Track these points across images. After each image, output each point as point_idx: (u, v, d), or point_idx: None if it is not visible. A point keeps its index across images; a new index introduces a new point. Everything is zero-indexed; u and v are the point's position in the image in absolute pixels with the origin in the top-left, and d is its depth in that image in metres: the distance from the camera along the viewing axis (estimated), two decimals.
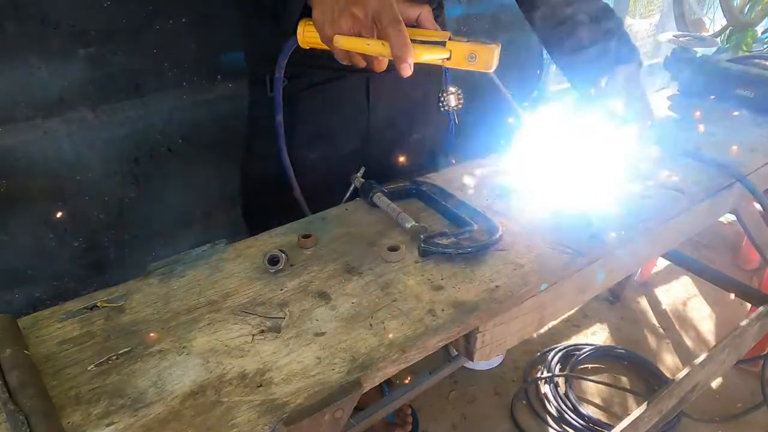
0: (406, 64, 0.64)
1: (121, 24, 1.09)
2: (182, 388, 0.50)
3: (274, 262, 0.65)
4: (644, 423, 1.06)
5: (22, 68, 1.02)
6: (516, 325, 0.66)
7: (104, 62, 1.10)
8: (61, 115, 1.10)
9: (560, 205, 0.80)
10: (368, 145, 1.03)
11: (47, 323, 0.58)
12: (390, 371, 0.54)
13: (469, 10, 1.74)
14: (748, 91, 1.17)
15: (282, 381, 0.50)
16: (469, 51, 0.67)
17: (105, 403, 0.48)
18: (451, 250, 0.67)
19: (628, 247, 0.76)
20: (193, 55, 1.20)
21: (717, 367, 1.17)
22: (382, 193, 0.80)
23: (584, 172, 0.87)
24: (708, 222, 0.93)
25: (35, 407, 0.44)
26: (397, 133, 1.04)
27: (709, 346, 1.77)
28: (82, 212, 1.20)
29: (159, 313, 0.60)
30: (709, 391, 1.69)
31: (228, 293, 0.63)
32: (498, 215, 0.78)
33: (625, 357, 1.79)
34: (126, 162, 1.22)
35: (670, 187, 0.85)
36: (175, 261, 0.68)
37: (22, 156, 1.08)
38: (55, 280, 1.24)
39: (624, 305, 2.06)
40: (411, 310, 0.59)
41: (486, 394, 1.68)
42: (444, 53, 0.68)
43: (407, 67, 0.64)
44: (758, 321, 1.20)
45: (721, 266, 2.23)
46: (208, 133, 1.30)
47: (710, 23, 3.00)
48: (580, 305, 2.00)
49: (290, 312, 0.60)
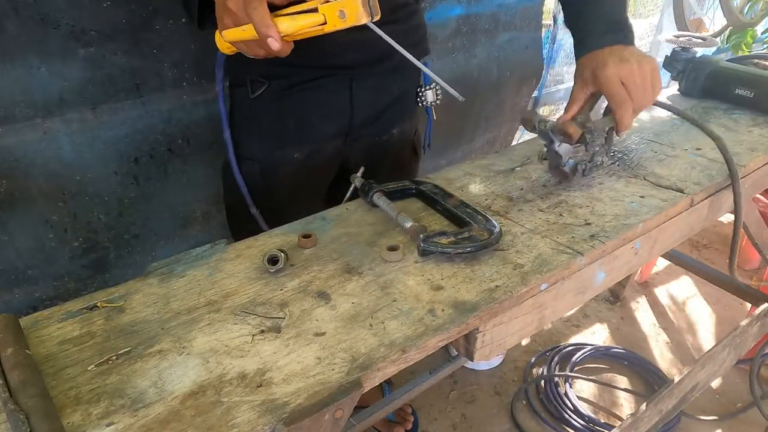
0: (271, 39, 0.64)
1: (121, 24, 1.09)
2: (182, 388, 0.50)
3: (274, 262, 0.65)
4: (644, 423, 1.06)
5: (22, 68, 1.02)
6: (516, 325, 0.66)
7: (104, 62, 1.10)
8: (61, 115, 1.09)
9: (560, 205, 0.80)
10: (351, 144, 1.04)
11: (47, 323, 0.58)
12: (390, 371, 0.54)
13: (469, 9, 1.73)
14: (748, 91, 1.17)
15: (282, 381, 0.50)
16: (338, 8, 0.65)
17: (105, 403, 0.48)
18: (451, 250, 0.67)
19: (627, 247, 0.76)
20: (193, 55, 1.20)
21: (717, 367, 1.17)
22: (382, 192, 0.80)
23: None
24: (708, 222, 0.93)
25: (36, 407, 0.44)
26: (379, 129, 1.05)
27: (709, 346, 1.77)
28: (82, 212, 1.20)
29: (159, 313, 0.60)
30: (709, 390, 1.69)
31: (228, 293, 0.63)
32: (498, 215, 0.78)
33: (625, 357, 1.79)
34: (126, 162, 1.22)
35: (670, 187, 0.85)
36: (175, 261, 0.68)
37: (22, 156, 1.08)
38: (55, 280, 1.24)
39: (624, 305, 2.06)
40: (411, 310, 0.59)
41: (486, 394, 1.68)
42: (318, 19, 0.66)
43: (273, 42, 0.65)
44: (758, 321, 1.20)
45: (721, 266, 2.23)
46: (208, 133, 1.30)
47: (710, 23, 3.00)
48: (580, 305, 2.00)
49: (290, 312, 0.60)
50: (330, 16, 0.65)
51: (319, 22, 0.66)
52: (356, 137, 1.03)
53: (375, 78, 0.98)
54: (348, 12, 0.64)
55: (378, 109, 1.02)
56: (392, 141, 1.08)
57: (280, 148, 0.99)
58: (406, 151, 1.14)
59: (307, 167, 1.01)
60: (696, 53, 1.27)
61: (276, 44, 0.65)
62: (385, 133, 1.06)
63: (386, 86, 1.01)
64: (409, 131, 1.12)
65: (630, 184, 0.86)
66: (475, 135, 2.06)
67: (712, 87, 1.24)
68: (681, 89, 1.29)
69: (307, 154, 1.00)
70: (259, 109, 0.97)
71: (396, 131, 1.07)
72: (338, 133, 1.01)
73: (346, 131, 1.01)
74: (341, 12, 0.64)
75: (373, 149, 1.06)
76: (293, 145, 0.99)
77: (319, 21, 0.66)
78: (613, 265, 0.76)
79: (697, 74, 1.25)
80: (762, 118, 1.14)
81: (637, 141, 1.03)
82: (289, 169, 1.01)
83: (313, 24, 0.66)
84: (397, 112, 1.06)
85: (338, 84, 0.95)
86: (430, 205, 0.82)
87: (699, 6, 2.93)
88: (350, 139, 1.03)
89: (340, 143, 1.03)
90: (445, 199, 0.80)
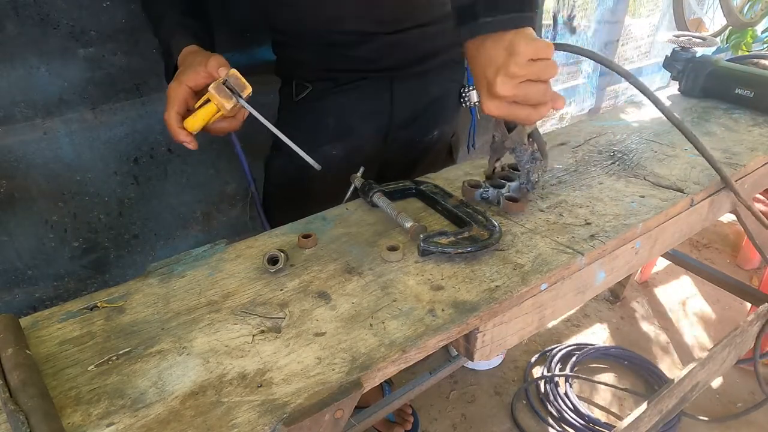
0: (185, 143, 0.75)
1: (121, 24, 1.09)
2: (182, 389, 0.50)
3: (274, 262, 0.65)
4: (644, 423, 1.06)
5: (22, 68, 1.02)
6: (516, 325, 0.66)
7: (104, 62, 1.10)
8: (60, 115, 1.09)
9: (560, 204, 0.80)
10: (390, 144, 1.04)
11: (47, 323, 0.58)
12: (390, 371, 0.54)
13: None
14: (747, 91, 1.17)
15: (282, 381, 0.50)
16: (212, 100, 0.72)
17: (105, 404, 0.48)
18: (451, 250, 0.67)
19: (627, 247, 0.76)
20: None
21: (717, 367, 1.17)
22: (382, 192, 0.80)
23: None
24: (708, 222, 0.93)
25: (36, 407, 0.44)
26: (419, 130, 1.05)
27: (709, 346, 1.77)
28: (82, 212, 1.20)
29: (159, 313, 0.60)
30: (709, 390, 1.69)
31: (228, 293, 0.63)
32: (498, 215, 0.78)
33: (625, 357, 1.79)
34: (126, 162, 1.22)
35: (670, 186, 0.85)
36: (175, 261, 0.68)
37: (21, 156, 1.08)
38: (55, 280, 1.24)
39: (624, 305, 2.06)
40: (411, 310, 0.59)
41: (486, 394, 1.68)
42: (213, 108, 0.73)
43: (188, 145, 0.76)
44: (758, 321, 1.20)
45: (721, 266, 2.23)
46: (208, 133, 1.30)
47: (710, 23, 3.00)
48: (580, 305, 2.00)
49: (290, 312, 0.60)
50: (218, 104, 0.72)
51: (214, 111, 0.74)
52: (396, 138, 1.04)
53: (415, 79, 0.99)
54: (215, 102, 0.72)
55: (418, 110, 1.02)
56: (431, 143, 1.08)
57: (318, 144, 1.00)
58: (442, 153, 1.15)
59: (346, 165, 1.01)
60: (696, 53, 1.27)
61: (190, 146, 0.76)
62: (425, 135, 1.07)
63: (426, 87, 1.01)
64: (449, 133, 1.13)
65: (630, 184, 0.86)
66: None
67: (712, 87, 1.24)
68: (681, 89, 1.29)
69: (346, 152, 1.01)
70: (301, 109, 1.00)
71: (436, 133, 1.08)
72: (377, 132, 1.02)
73: (385, 131, 1.02)
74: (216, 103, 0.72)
75: (411, 150, 1.07)
76: (331, 141, 1.00)
77: (214, 110, 0.74)
78: (613, 265, 0.76)
79: (697, 74, 1.25)
80: (762, 117, 1.14)
81: (637, 141, 1.03)
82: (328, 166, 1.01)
83: (212, 113, 0.74)
84: (438, 113, 1.06)
85: (378, 85, 0.97)
86: (430, 205, 0.82)
87: (699, 6, 2.93)
88: (389, 139, 1.04)
89: (379, 143, 1.03)
90: (445, 199, 0.79)
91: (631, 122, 1.14)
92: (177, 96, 0.74)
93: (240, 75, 0.72)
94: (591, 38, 2.53)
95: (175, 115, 0.74)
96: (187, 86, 0.74)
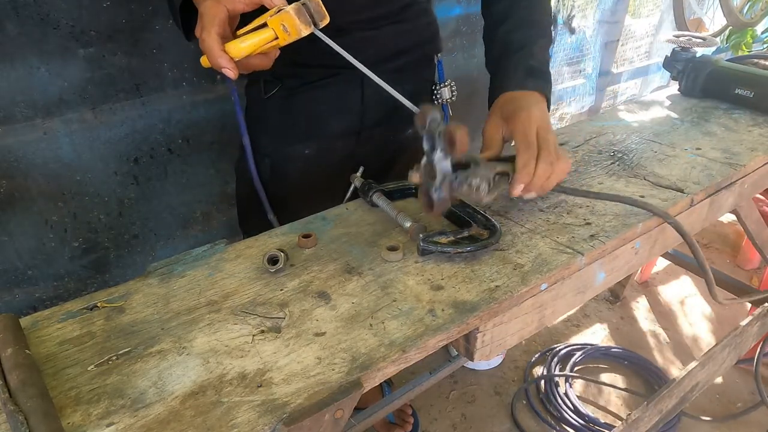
0: (225, 69, 0.65)
1: (121, 24, 1.09)
2: (182, 389, 0.50)
3: (274, 262, 0.65)
4: (644, 423, 1.06)
5: (22, 68, 1.02)
6: (516, 325, 0.66)
7: (104, 62, 1.10)
8: (60, 115, 1.10)
9: (560, 204, 0.80)
10: (363, 143, 1.03)
11: (47, 323, 0.58)
12: (390, 371, 0.54)
13: (468, 9, 1.74)
14: (747, 91, 1.17)
15: (282, 381, 0.50)
16: (280, 22, 0.63)
17: (105, 404, 0.48)
18: (451, 250, 0.67)
19: (627, 247, 0.76)
20: (193, 55, 1.20)
21: (717, 367, 1.17)
22: (381, 192, 0.80)
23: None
24: (708, 222, 0.93)
25: (35, 407, 0.44)
26: (392, 128, 1.04)
27: (709, 346, 1.77)
28: (82, 212, 1.20)
29: (159, 313, 0.60)
30: (709, 390, 1.69)
31: (228, 293, 0.63)
32: (498, 215, 0.78)
33: (625, 357, 1.79)
34: (126, 162, 1.22)
35: (670, 186, 0.85)
36: (175, 261, 0.68)
37: (21, 156, 1.08)
38: (55, 280, 1.24)
39: (624, 305, 2.06)
40: (411, 310, 0.59)
41: (486, 394, 1.68)
42: (269, 35, 0.64)
43: (228, 72, 0.66)
44: (758, 321, 1.20)
45: (721, 266, 2.23)
46: (208, 134, 1.31)
47: (710, 23, 3.00)
48: (580, 305, 2.00)
49: (290, 312, 0.60)
50: (278, 30, 0.64)
51: (270, 38, 0.65)
52: (368, 136, 1.02)
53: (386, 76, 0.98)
54: (288, 26, 0.63)
55: (390, 108, 1.02)
56: (406, 142, 1.07)
57: (290, 143, 0.99)
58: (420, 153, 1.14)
59: (318, 165, 1.01)
60: (696, 53, 1.27)
61: (230, 73, 0.66)
62: (398, 133, 1.05)
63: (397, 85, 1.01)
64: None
65: (630, 184, 0.86)
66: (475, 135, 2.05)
67: (712, 87, 1.24)
68: (681, 89, 1.29)
69: (318, 151, 1.00)
70: (271, 107, 0.98)
71: (410, 131, 1.07)
72: (349, 131, 1.01)
73: (357, 130, 1.01)
74: (283, 26, 0.63)
75: (386, 149, 1.06)
76: (303, 141, 0.99)
77: (270, 37, 0.65)
78: (613, 265, 0.76)
79: (697, 74, 1.25)
80: (762, 117, 1.14)
81: (637, 141, 1.03)
82: (300, 165, 1.00)
83: (265, 41, 0.65)
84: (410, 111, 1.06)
85: (349, 82, 0.95)
86: None
87: (699, 6, 2.93)
88: (362, 138, 1.02)
89: (351, 142, 1.02)
90: None
91: (631, 122, 1.14)
92: (218, 16, 0.65)
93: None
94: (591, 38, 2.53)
95: (216, 37, 0.64)
96: (225, 8, 0.65)
